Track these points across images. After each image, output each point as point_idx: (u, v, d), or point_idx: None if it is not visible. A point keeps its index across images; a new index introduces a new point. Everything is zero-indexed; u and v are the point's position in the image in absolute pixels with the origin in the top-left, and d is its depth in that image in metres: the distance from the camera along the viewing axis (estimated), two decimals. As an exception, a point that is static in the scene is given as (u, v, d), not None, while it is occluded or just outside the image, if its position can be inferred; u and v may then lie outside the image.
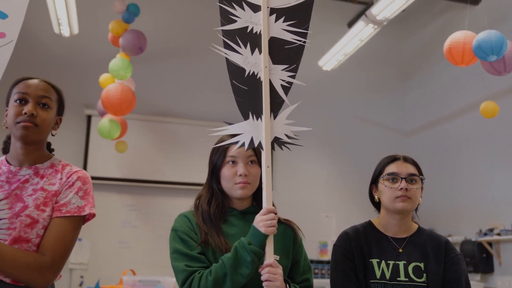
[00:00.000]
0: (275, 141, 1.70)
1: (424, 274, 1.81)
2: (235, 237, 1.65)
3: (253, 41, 1.74)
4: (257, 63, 1.73)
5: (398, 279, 1.79)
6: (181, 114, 6.32)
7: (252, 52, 1.73)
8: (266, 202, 1.63)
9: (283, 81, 1.75)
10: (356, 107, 7.02)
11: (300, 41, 1.78)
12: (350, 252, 1.85)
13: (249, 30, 1.75)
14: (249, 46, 1.74)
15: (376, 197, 1.93)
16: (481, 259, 5.30)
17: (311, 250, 5.93)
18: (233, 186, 1.71)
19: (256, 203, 1.78)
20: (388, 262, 1.83)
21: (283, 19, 1.78)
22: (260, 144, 1.67)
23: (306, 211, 6.08)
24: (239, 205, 1.76)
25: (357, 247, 1.86)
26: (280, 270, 1.58)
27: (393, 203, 1.84)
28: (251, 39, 1.74)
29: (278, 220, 1.65)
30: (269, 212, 1.61)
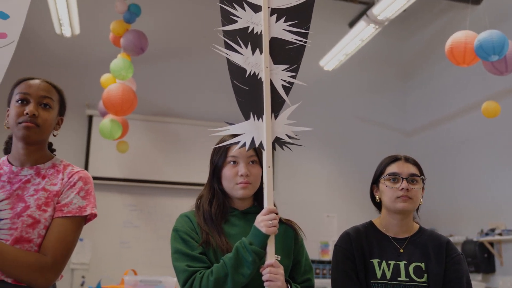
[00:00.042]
0: (276, 141, 1.70)
1: (425, 274, 1.80)
2: (236, 237, 1.65)
3: (254, 41, 1.74)
4: (258, 63, 1.73)
5: (399, 279, 1.79)
6: (182, 114, 6.33)
7: (253, 52, 1.74)
8: (267, 202, 1.63)
9: (284, 81, 1.75)
10: (357, 107, 7.01)
11: (301, 41, 1.78)
12: (351, 252, 1.85)
13: (250, 31, 1.75)
14: (250, 46, 1.74)
15: (377, 197, 1.93)
16: (482, 259, 5.30)
17: (312, 250, 5.95)
18: (234, 186, 1.72)
19: (257, 203, 1.78)
20: (389, 262, 1.83)
21: (284, 19, 1.78)
22: (261, 144, 1.67)
23: (307, 211, 6.08)
24: (240, 205, 1.76)
25: (358, 247, 1.86)
26: (281, 270, 1.58)
27: (394, 203, 1.84)
28: (252, 39, 1.74)
29: (279, 220, 1.65)
30: (270, 212, 1.61)
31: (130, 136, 5.36)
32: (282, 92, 1.74)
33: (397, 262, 1.82)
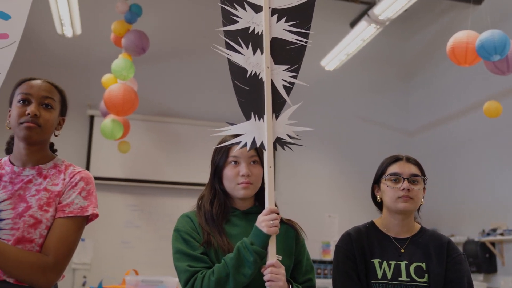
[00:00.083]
0: (277, 141, 1.70)
1: (426, 274, 1.80)
2: (237, 237, 1.65)
3: (255, 41, 1.74)
4: (259, 63, 1.73)
5: (400, 279, 1.79)
6: (183, 114, 6.33)
7: (254, 52, 1.74)
8: (269, 202, 1.63)
9: (285, 81, 1.75)
10: (359, 107, 7.01)
11: (302, 41, 1.78)
12: (352, 252, 1.85)
13: (250, 31, 1.75)
14: (251, 46, 1.74)
15: (378, 197, 1.93)
16: (484, 259, 5.29)
17: (313, 250, 5.94)
18: (235, 186, 1.72)
19: (259, 203, 1.78)
20: (390, 262, 1.83)
21: (284, 19, 1.78)
22: (262, 144, 1.67)
23: (309, 211, 6.08)
24: (241, 205, 1.76)
25: (359, 248, 1.86)
26: (282, 270, 1.58)
27: (395, 203, 1.84)
28: (252, 39, 1.74)
29: (281, 220, 1.65)
30: (272, 212, 1.61)
31: (131, 136, 5.36)
32: (283, 92, 1.74)
33: (398, 262, 1.82)
